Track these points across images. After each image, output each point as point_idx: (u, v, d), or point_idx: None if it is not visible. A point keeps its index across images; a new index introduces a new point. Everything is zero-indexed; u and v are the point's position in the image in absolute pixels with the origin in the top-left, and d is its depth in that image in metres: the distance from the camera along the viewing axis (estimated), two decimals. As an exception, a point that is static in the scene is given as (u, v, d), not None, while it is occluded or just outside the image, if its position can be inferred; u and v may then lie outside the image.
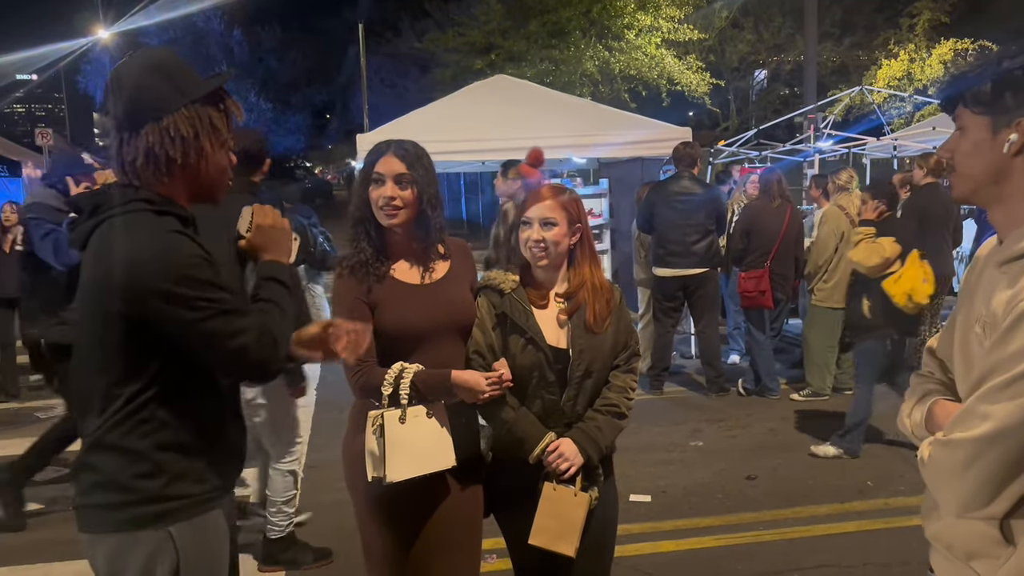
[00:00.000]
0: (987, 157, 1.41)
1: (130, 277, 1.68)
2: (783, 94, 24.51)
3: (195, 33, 33.64)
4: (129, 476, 1.76)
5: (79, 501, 1.81)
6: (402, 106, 17.60)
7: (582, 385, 2.45)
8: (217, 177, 1.88)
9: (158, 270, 1.68)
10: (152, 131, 1.75)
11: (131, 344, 1.73)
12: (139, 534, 1.77)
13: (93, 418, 1.77)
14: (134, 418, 1.75)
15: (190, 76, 1.82)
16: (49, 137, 18.26)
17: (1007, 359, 1.32)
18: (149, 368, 1.74)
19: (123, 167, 1.79)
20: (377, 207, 2.35)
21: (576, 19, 17.38)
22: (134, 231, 1.72)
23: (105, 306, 1.71)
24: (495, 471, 2.53)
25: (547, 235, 2.41)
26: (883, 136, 10.59)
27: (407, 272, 2.42)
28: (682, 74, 17.58)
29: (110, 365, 1.74)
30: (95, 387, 1.77)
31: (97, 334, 1.75)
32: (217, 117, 1.84)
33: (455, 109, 8.71)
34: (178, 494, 1.80)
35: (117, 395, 1.74)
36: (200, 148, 1.80)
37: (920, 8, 19.47)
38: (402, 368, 2.25)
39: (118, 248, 1.71)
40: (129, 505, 1.77)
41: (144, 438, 1.76)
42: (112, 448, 1.76)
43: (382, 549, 2.38)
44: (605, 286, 2.51)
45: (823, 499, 4.76)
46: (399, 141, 2.42)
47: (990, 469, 1.33)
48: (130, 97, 1.76)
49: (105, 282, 1.71)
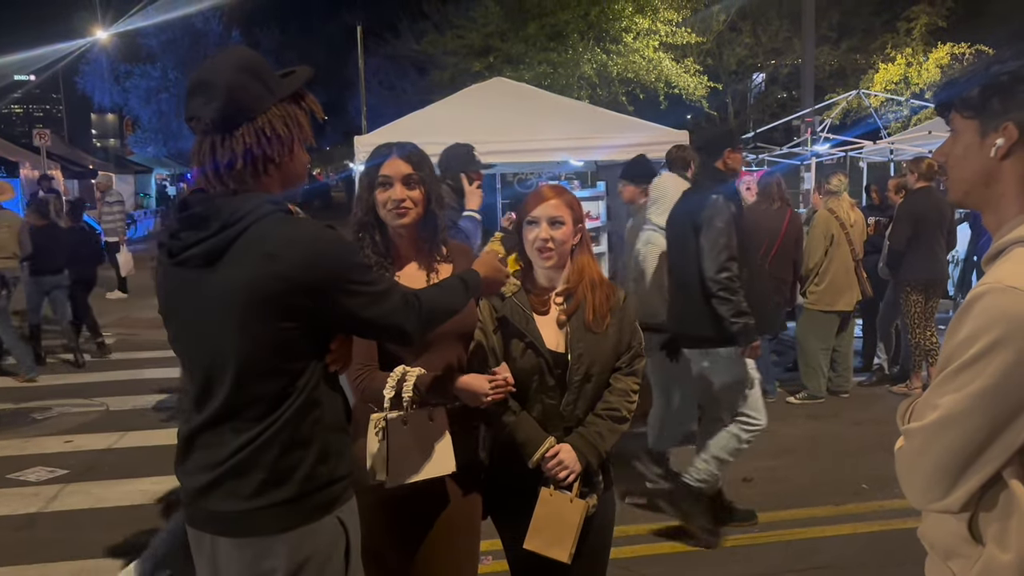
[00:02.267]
0: (976, 161, 1.43)
1: (308, 269, 1.71)
2: (780, 97, 24.55)
3: (193, 34, 33.66)
4: (309, 465, 1.78)
5: (244, 506, 1.76)
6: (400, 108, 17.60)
7: (582, 389, 2.44)
8: (301, 172, 1.90)
9: (337, 260, 1.77)
10: (247, 132, 1.75)
11: (305, 338, 1.77)
12: (319, 524, 1.80)
13: (250, 423, 1.75)
14: (305, 407, 1.78)
15: (274, 74, 1.82)
16: (47, 138, 18.25)
17: (956, 348, 1.33)
18: (312, 357, 1.79)
19: (217, 170, 1.77)
20: (386, 209, 2.36)
21: (574, 22, 17.39)
22: (293, 228, 1.74)
23: (280, 303, 1.71)
24: (494, 473, 2.53)
25: (555, 234, 2.42)
26: (880, 140, 10.63)
27: (411, 276, 2.41)
28: (680, 77, 17.58)
29: (284, 366, 1.76)
30: (259, 390, 1.75)
31: (266, 335, 1.73)
32: (302, 115, 1.85)
33: (453, 111, 8.71)
34: (342, 474, 1.87)
35: (290, 391, 1.76)
36: (291, 145, 1.82)
37: (917, 12, 19.52)
38: (404, 371, 2.25)
39: (285, 245, 1.71)
40: (310, 494, 1.79)
41: (314, 424, 1.80)
42: (287, 441, 1.76)
43: (382, 551, 2.39)
44: (604, 281, 2.51)
45: (819, 501, 4.77)
46: (400, 143, 2.44)
47: (940, 458, 1.34)
48: (226, 99, 1.73)
49: (279, 280, 1.70)
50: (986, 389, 1.28)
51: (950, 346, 1.36)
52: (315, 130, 1.94)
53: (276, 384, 1.75)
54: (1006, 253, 1.39)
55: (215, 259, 1.73)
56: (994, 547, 1.35)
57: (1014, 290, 1.28)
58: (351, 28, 25.74)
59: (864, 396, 7.01)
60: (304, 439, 1.78)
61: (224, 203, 1.75)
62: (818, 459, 5.52)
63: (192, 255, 1.76)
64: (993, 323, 1.28)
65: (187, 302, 1.81)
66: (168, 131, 34.11)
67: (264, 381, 1.75)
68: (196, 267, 1.75)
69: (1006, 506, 1.33)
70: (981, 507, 1.36)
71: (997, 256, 1.41)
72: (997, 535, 1.34)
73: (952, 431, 1.32)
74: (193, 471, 1.82)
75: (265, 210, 1.73)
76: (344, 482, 1.87)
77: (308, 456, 1.78)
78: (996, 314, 1.28)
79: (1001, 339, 1.27)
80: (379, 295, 1.83)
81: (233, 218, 1.72)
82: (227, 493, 1.76)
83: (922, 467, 1.37)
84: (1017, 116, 1.37)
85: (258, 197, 1.76)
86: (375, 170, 2.39)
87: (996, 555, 1.34)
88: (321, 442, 1.80)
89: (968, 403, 1.30)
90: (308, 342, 1.78)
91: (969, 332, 1.31)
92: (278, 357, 1.75)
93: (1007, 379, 1.27)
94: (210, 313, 1.76)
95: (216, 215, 1.74)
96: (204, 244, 1.74)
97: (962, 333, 1.33)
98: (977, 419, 1.30)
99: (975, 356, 1.29)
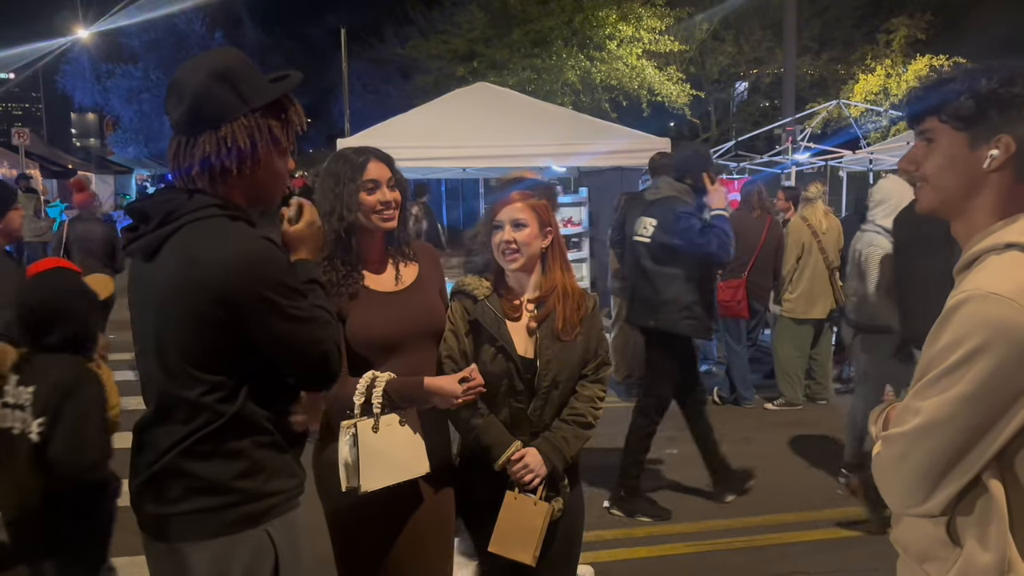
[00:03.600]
0: (962, 171, 1.44)
1: (228, 280, 1.66)
2: (763, 106, 24.73)
3: (176, 35, 33.44)
4: (231, 476, 1.74)
5: (169, 510, 1.75)
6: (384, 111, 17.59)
7: (549, 395, 2.46)
8: (273, 184, 1.85)
9: (256, 274, 1.68)
10: (208, 140, 1.72)
11: (223, 351, 1.71)
12: (242, 535, 1.76)
13: (177, 425, 1.73)
14: (232, 422, 1.73)
15: (255, 82, 1.78)
16: (26, 136, 18.09)
17: (936, 354, 1.35)
18: (233, 372, 1.73)
19: (179, 172, 1.76)
20: (374, 212, 2.33)
21: (558, 29, 17.47)
22: (223, 235, 1.70)
23: (194, 310, 1.67)
24: (465, 476, 2.54)
25: (518, 236, 2.43)
26: (859, 150, 10.72)
27: (378, 280, 2.41)
28: (663, 85, 17.70)
29: (199, 374, 1.71)
30: (181, 393, 1.72)
31: (182, 339, 1.70)
32: (277, 126, 1.80)
33: (437, 116, 8.73)
34: (276, 490, 1.81)
35: (211, 402, 1.71)
36: (257, 157, 1.76)
37: (897, 24, 19.74)
38: (374, 377, 2.24)
39: (210, 251, 1.67)
40: (233, 506, 1.75)
41: (241, 439, 1.75)
42: (211, 451, 1.73)
43: (355, 554, 2.39)
44: (576, 292, 2.53)
45: (795, 507, 4.81)
46: (372, 148, 2.42)
47: (921, 463, 1.36)
48: (191, 104, 1.72)
49: (196, 286, 1.66)
50: (968, 394, 1.30)
51: (930, 352, 1.37)
52: (297, 135, 1.90)
53: (194, 391, 1.71)
54: (980, 261, 1.41)
55: (150, 255, 1.74)
56: (974, 548, 1.36)
57: (995, 296, 1.30)
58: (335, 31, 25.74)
59: (843, 404, 7.07)
60: (229, 452, 1.74)
61: (169, 201, 1.75)
62: (794, 466, 5.55)
63: (134, 249, 1.79)
64: (975, 329, 1.30)
65: (133, 294, 1.84)
66: (149, 131, 33.86)
67: (182, 386, 1.72)
68: (139, 261, 1.78)
69: (985, 508, 1.35)
70: (959, 510, 1.38)
71: (971, 265, 1.43)
72: (977, 536, 1.36)
73: (934, 436, 1.34)
74: (136, 469, 1.82)
75: (204, 213, 1.71)
76: (277, 497, 1.81)
77: (233, 468, 1.75)
78: (978, 321, 1.30)
79: (983, 345, 1.29)
80: (306, 317, 1.75)
81: (171, 216, 1.72)
82: (154, 496, 1.77)
83: (903, 472, 1.39)
84: (1014, 129, 1.38)
85: (206, 199, 1.74)
86: (357, 173, 2.32)
87: (976, 556, 1.36)
88: (250, 457, 1.76)
89: (950, 408, 1.32)
90: (226, 355, 1.72)
91: (951, 338, 1.33)
92: (188, 363, 1.71)
93: (989, 384, 1.29)
94: (145, 308, 1.78)
95: (157, 212, 1.74)
96: (142, 240, 1.76)
97: (943, 339, 1.34)
98: (959, 423, 1.32)
99: (957, 362, 1.31)
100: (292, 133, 1.85)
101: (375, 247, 2.43)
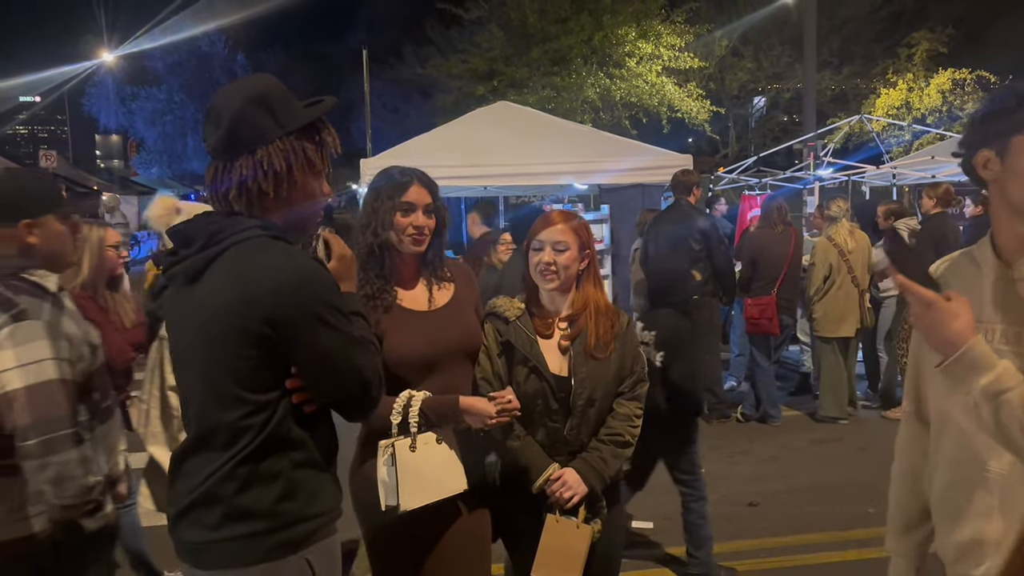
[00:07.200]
0: None
1: (279, 296, 1.66)
2: (782, 120, 24.68)
3: (199, 57, 33.86)
4: (271, 500, 1.72)
5: (208, 537, 1.73)
6: (403, 130, 17.69)
7: (585, 414, 2.45)
8: (308, 206, 1.86)
9: (307, 290, 1.69)
10: (245, 163, 1.74)
11: (267, 370, 1.71)
12: (282, 562, 1.73)
13: (217, 452, 1.73)
14: (270, 442, 1.72)
15: (290, 106, 1.80)
16: (53, 159, 18.37)
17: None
18: (276, 391, 1.72)
19: (216, 195, 1.79)
20: (405, 234, 2.37)
21: (578, 47, 17.53)
22: (272, 254, 1.70)
23: (243, 328, 1.67)
24: (503, 497, 2.53)
25: (559, 259, 2.43)
26: (882, 164, 10.65)
27: (413, 299, 2.43)
28: (682, 101, 17.71)
29: (244, 395, 1.70)
30: (223, 417, 1.72)
31: (230, 359, 1.70)
32: (311, 148, 1.82)
33: (458, 135, 8.78)
34: (316, 512, 1.79)
35: (253, 424, 1.71)
36: (292, 179, 1.78)
37: (918, 38, 19.68)
38: (410, 396, 2.26)
39: (260, 269, 1.68)
40: (273, 531, 1.73)
41: (280, 460, 1.73)
42: (249, 474, 1.71)
43: (393, 572, 2.38)
44: (609, 309, 2.52)
45: (824, 527, 4.74)
46: (417, 171, 2.44)
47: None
48: (227, 129, 1.74)
49: (246, 304, 1.66)
50: None
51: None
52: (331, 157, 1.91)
53: (236, 413, 1.70)
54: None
55: (194, 278, 1.74)
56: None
57: None
58: (355, 51, 25.97)
59: (869, 420, 7.00)
60: (268, 474, 1.72)
61: (212, 223, 1.76)
62: (823, 484, 5.48)
63: (175, 272, 1.78)
64: None
65: (175, 319, 1.83)
66: (172, 152, 34.24)
67: (225, 409, 1.71)
68: (180, 285, 1.78)
69: None
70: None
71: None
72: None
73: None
74: (175, 498, 1.81)
75: (248, 234, 1.72)
76: (317, 521, 1.79)
77: (271, 492, 1.72)
78: None
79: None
80: (352, 340, 1.75)
81: (215, 239, 1.73)
82: (193, 522, 1.75)
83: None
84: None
85: (249, 221, 1.75)
86: (397, 194, 2.37)
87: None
88: (288, 479, 1.74)
89: None
90: (270, 374, 1.72)
91: None
92: (238, 385, 1.70)
93: None
94: (188, 332, 1.77)
95: (200, 234, 1.75)
96: (186, 263, 1.76)
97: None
98: None
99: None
100: (327, 155, 1.87)
101: (408, 266, 2.45)
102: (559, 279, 2.45)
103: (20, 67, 34.82)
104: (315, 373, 1.75)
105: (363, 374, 1.77)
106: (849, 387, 7.04)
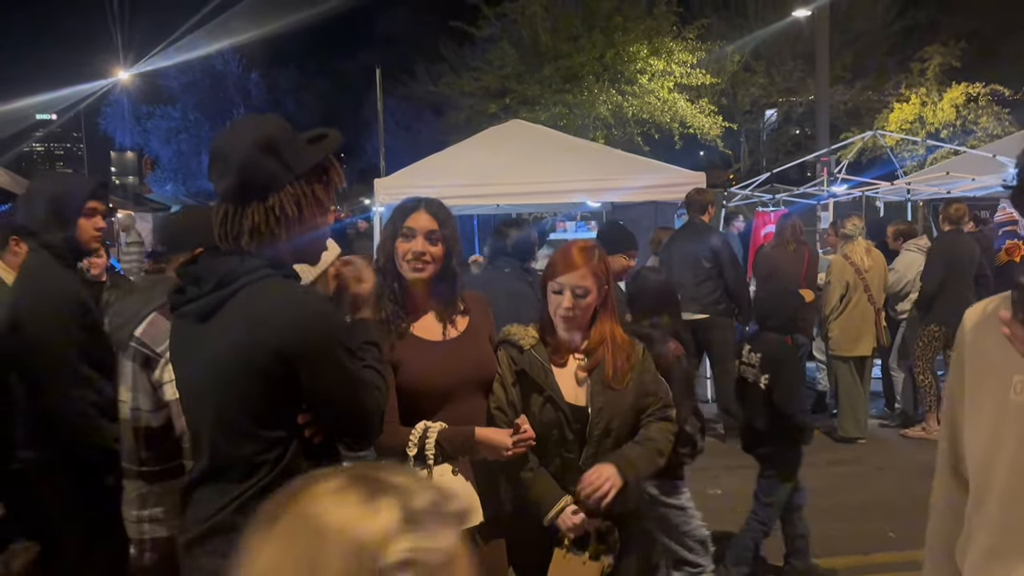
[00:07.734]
0: None
1: (291, 335, 1.70)
2: (795, 134, 24.63)
3: (213, 75, 34.13)
4: None
5: (220, 563, 1.71)
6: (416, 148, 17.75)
7: (601, 444, 2.41)
8: (316, 241, 1.89)
9: (316, 329, 1.73)
10: (257, 210, 1.76)
11: (280, 406, 1.75)
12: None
13: (232, 484, 1.75)
14: (285, 475, 1.73)
15: (296, 147, 1.81)
16: (69, 178, 18.48)
17: None
18: (288, 427, 1.76)
19: (226, 236, 1.80)
20: (404, 260, 2.36)
21: (590, 64, 17.58)
22: (284, 294, 1.75)
23: (258, 367, 1.70)
24: (516, 526, 2.49)
25: (578, 303, 2.40)
26: (896, 180, 10.60)
27: (428, 328, 2.42)
28: (694, 117, 17.70)
29: (257, 431, 1.74)
30: (236, 452, 1.75)
31: (244, 397, 1.73)
32: (320, 189, 1.84)
33: (471, 153, 8.80)
34: None
35: (267, 459, 1.74)
36: (303, 221, 1.81)
37: (931, 53, 19.61)
38: (426, 428, 2.24)
39: (273, 310, 1.72)
40: None
41: None
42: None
43: None
44: (625, 342, 2.50)
45: (846, 550, 4.68)
46: (427, 199, 2.44)
47: None
48: (238, 176, 1.75)
49: (260, 344, 1.70)
50: None
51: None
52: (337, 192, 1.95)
53: (250, 448, 1.74)
54: None
55: (206, 317, 1.77)
56: None
57: None
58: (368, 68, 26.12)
59: (886, 440, 6.92)
60: None
61: (224, 263, 1.79)
62: (843, 507, 5.41)
63: (187, 311, 1.81)
64: None
65: (183, 355, 1.87)
66: (187, 170, 34.47)
67: (239, 444, 1.75)
68: (191, 323, 1.80)
69: None
70: None
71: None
72: None
73: None
74: (186, 525, 1.84)
75: (260, 274, 1.75)
76: None
77: None
78: None
79: None
80: (354, 383, 1.80)
81: (227, 279, 1.75)
82: (208, 551, 1.77)
83: None
84: None
85: (259, 260, 1.77)
86: (399, 220, 2.39)
87: None
88: None
89: None
90: (283, 411, 1.76)
91: None
92: (251, 421, 1.74)
93: None
94: (199, 369, 1.80)
95: (212, 274, 1.78)
96: (198, 302, 1.79)
97: None
98: None
99: None
100: (333, 193, 1.90)
101: (420, 296, 2.44)
102: (577, 322, 2.44)
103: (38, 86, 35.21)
104: (317, 407, 1.80)
105: (362, 410, 1.82)
106: (863, 407, 6.98)
